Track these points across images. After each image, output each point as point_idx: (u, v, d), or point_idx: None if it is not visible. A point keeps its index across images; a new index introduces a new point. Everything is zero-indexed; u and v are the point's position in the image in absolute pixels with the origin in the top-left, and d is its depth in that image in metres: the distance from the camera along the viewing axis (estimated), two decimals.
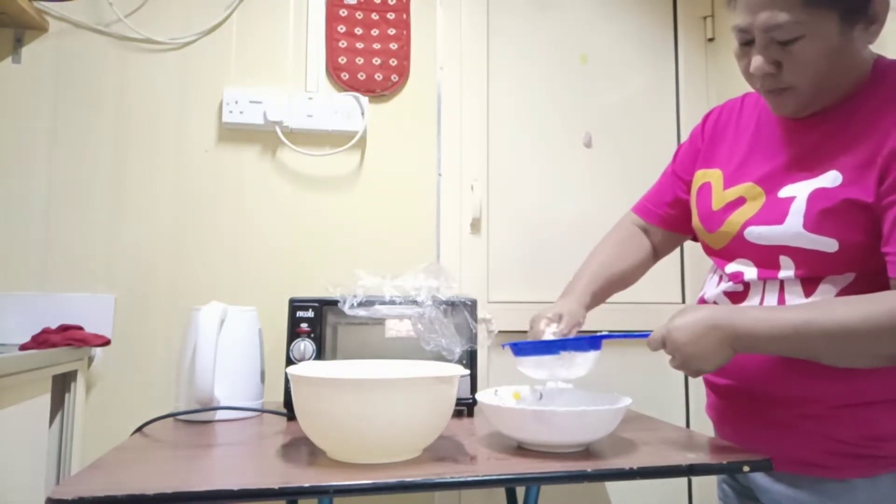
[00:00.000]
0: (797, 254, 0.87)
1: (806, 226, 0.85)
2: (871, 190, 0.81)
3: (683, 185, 1.12)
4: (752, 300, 0.93)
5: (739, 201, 0.95)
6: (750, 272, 0.93)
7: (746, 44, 0.87)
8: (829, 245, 0.84)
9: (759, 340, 0.83)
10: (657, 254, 1.20)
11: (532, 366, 1.00)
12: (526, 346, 1.00)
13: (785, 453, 0.89)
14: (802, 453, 0.88)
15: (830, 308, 0.82)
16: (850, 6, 0.81)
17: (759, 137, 0.98)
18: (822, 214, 0.84)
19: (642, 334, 0.92)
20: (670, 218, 1.15)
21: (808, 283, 0.87)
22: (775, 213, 0.88)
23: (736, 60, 0.90)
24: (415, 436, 0.87)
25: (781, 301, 0.89)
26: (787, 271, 0.88)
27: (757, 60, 0.85)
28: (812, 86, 0.85)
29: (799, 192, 0.87)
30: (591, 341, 0.97)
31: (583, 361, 0.97)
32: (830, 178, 0.85)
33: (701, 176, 1.05)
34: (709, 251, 1.03)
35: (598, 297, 1.13)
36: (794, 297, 0.88)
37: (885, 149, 0.81)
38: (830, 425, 0.87)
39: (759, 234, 0.90)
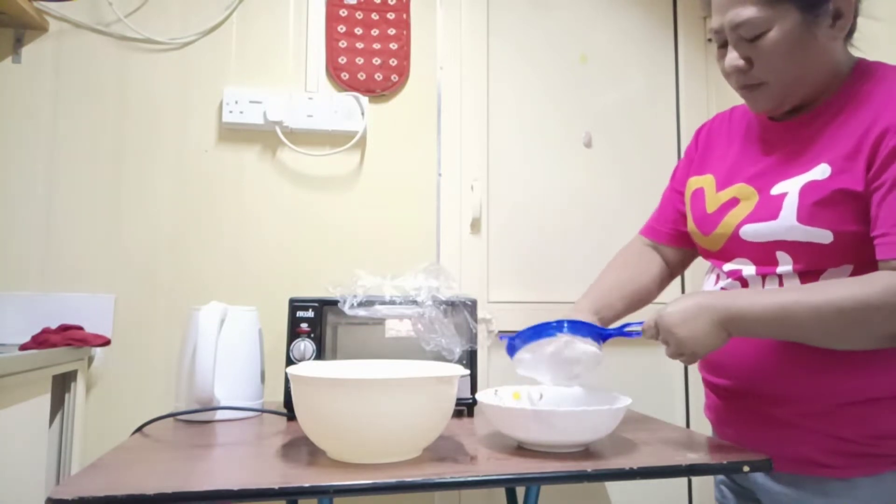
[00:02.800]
0: (793, 248, 0.87)
1: (800, 218, 0.86)
2: (860, 179, 0.83)
3: (682, 198, 1.12)
4: None
5: (733, 202, 0.96)
6: (748, 269, 0.93)
7: (723, 45, 0.91)
8: (823, 236, 0.85)
9: (751, 321, 0.84)
10: (672, 272, 1.18)
11: (530, 365, 1.00)
12: (521, 335, 0.99)
13: (787, 453, 0.89)
14: (804, 452, 0.88)
15: (822, 287, 0.82)
16: (809, 0, 0.84)
17: (749, 142, 1.00)
18: (814, 206, 0.85)
19: (637, 323, 0.93)
20: (677, 234, 1.14)
21: (807, 277, 0.88)
22: (769, 209, 0.89)
23: (717, 64, 0.94)
24: (415, 436, 0.87)
25: None
26: (784, 266, 0.89)
27: (730, 57, 0.90)
28: (782, 80, 0.89)
29: (791, 187, 0.88)
30: (590, 328, 0.97)
31: (583, 358, 0.97)
32: (820, 171, 0.86)
33: (693, 182, 1.06)
34: (706, 254, 1.04)
35: (609, 313, 1.10)
36: None
37: (870, 137, 0.82)
38: (833, 424, 0.87)
39: (755, 231, 0.91)
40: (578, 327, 0.97)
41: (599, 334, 0.99)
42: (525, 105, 1.89)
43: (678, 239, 1.14)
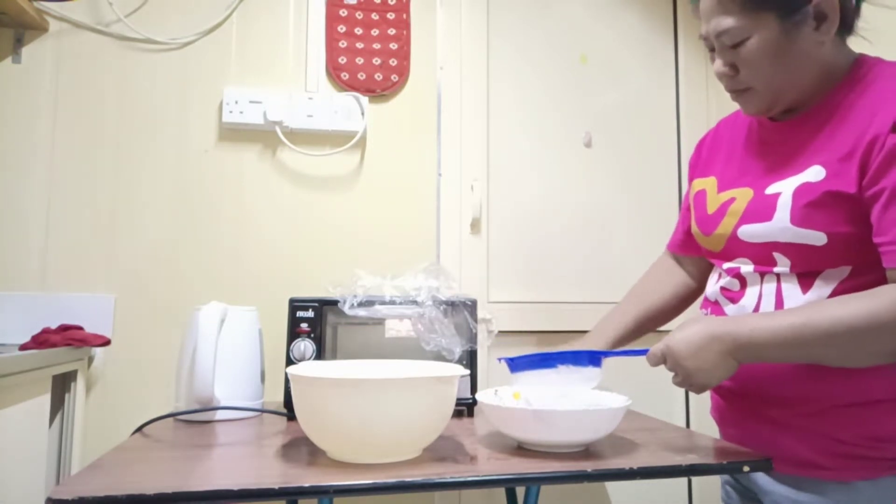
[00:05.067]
0: (788, 249, 0.87)
1: (793, 220, 0.86)
2: (853, 181, 0.82)
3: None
4: (750, 293, 0.93)
5: (730, 202, 0.96)
6: (746, 267, 0.94)
7: (712, 50, 0.93)
8: (817, 238, 0.84)
9: (761, 347, 0.83)
10: (699, 285, 1.18)
11: (529, 383, 1.00)
12: (522, 361, 1.00)
13: (787, 454, 0.89)
14: (804, 454, 0.88)
15: (830, 307, 0.82)
16: (787, 7, 0.84)
17: (749, 143, 1.00)
18: (807, 208, 0.85)
19: (641, 351, 0.92)
20: (688, 242, 1.14)
21: (805, 278, 0.88)
22: (764, 210, 0.90)
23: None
24: (415, 436, 0.87)
25: (779, 293, 0.89)
26: (782, 267, 0.89)
27: (716, 65, 0.92)
28: (767, 85, 0.89)
29: (784, 188, 0.88)
30: (590, 356, 0.97)
31: (581, 379, 0.97)
32: (814, 173, 0.86)
33: (697, 184, 1.07)
34: (709, 255, 1.04)
35: (632, 333, 1.14)
36: (791, 289, 0.88)
37: (864, 140, 0.82)
38: (833, 426, 0.87)
39: (751, 232, 0.91)
40: (579, 357, 0.98)
41: (601, 356, 0.98)
42: (525, 105, 1.89)
43: (690, 247, 1.14)
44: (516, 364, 1.00)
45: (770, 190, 0.90)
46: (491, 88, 1.87)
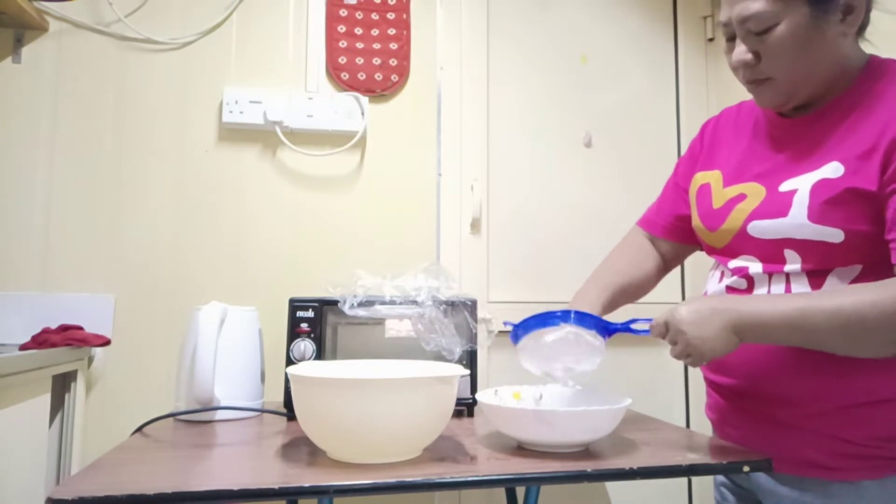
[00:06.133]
0: (802, 246, 0.86)
1: (810, 217, 0.84)
2: (874, 178, 0.82)
3: (686, 195, 1.12)
4: (758, 293, 0.92)
5: (740, 198, 0.95)
6: (755, 267, 0.92)
7: (731, 39, 0.91)
8: (834, 235, 0.84)
9: (764, 326, 0.82)
10: (667, 266, 1.19)
11: (532, 353, 0.99)
12: (526, 322, 0.98)
13: (790, 454, 0.89)
14: (808, 454, 0.88)
15: (837, 293, 0.81)
16: None
17: (757, 138, 0.99)
18: (826, 205, 0.84)
19: (646, 320, 0.91)
20: (676, 229, 1.14)
21: (815, 276, 0.86)
22: (778, 206, 0.88)
23: (726, 58, 0.93)
24: (415, 436, 0.87)
25: (788, 293, 0.88)
26: (793, 265, 0.88)
27: (737, 51, 0.89)
28: (789, 75, 0.88)
29: (801, 184, 0.87)
30: (595, 321, 0.96)
31: (589, 351, 0.96)
32: (832, 169, 0.85)
33: (700, 178, 1.05)
34: (711, 251, 1.03)
35: (610, 307, 1.11)
36: (801, 289, 0.87)
37: (886, 138, 0.81)
38: (837, 425, 0.86)
39: (763, 228, 0.90)
40: (584, 319, 0.97)
41: (605, 328, 0.98)
42: (525, 105, 1.89)
43: (674, 232, 1.15)
44: (517, 335, 0.99)
45: (784, 186, 0.89)
46: (491, 88, 1.86)
